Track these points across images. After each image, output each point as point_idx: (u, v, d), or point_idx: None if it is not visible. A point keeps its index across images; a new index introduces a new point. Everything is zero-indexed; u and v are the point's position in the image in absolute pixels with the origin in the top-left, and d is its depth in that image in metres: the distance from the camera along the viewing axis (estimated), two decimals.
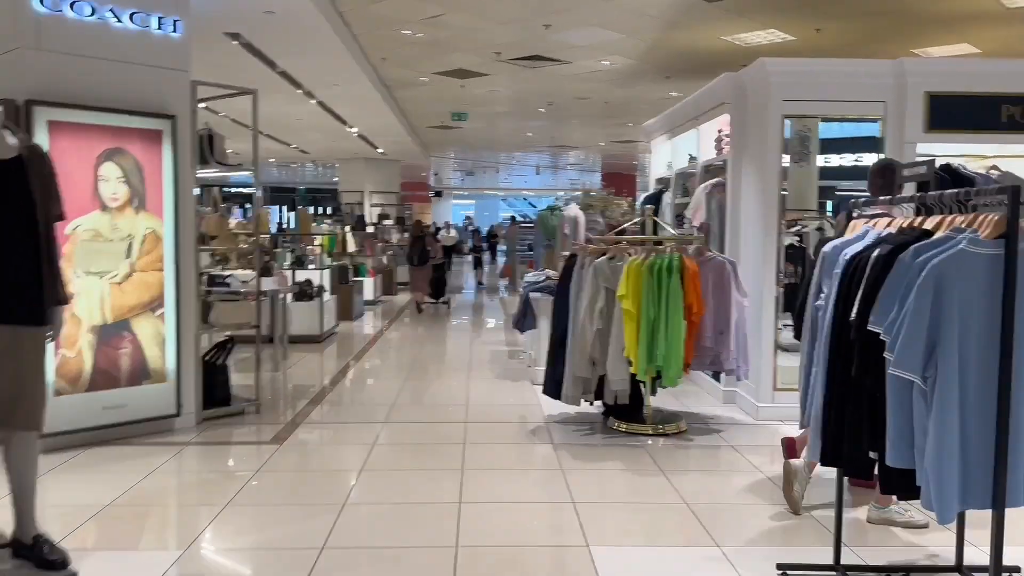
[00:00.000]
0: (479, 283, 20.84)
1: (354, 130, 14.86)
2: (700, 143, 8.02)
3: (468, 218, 44.18)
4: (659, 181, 10.07)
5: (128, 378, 5.55)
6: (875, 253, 2.87)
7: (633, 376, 5.66)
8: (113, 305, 5.45)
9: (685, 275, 5.61)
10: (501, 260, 29.17)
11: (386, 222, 20.28)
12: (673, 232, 7.18)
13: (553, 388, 6.13)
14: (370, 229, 15.68)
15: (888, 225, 3.12)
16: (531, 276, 8.90)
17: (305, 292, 10.53)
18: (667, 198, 9.39)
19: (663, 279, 5.56)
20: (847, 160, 10.77)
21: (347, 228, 15.51)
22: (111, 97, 5.42)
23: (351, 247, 15.35)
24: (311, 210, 22.64)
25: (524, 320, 7.87)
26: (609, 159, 24.91)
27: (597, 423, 6.17)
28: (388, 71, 10.25)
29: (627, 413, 6.00)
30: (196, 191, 6.26)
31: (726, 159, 7.13)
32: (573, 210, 9.74)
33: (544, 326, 7.70)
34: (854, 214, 3.49)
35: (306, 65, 8.96)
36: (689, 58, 9.38)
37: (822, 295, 3.20)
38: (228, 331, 6.53)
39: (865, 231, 3.18)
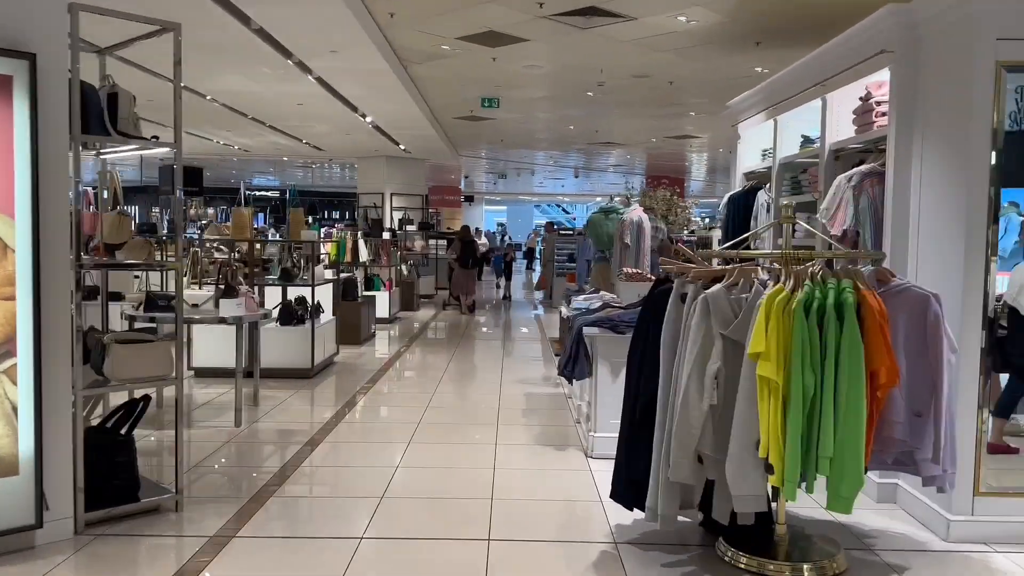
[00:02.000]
0: (505, 296, 18.57)
1: (368, 119, 12.74)
2: (827, 118, 5.69)
3: (501, 225, 42.05)
4: (749, 176, 7.75)
5: None
6: None
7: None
8: None
9: (866, 319, 3.30)
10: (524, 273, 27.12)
11: (409, 227, 18.15)
12: (834, 244, 4.87)
13: (629, 493, 3.88)
14: (387, 235, 13.55)
15: None
16: (582, 299, 6.63)
17: (292, 314, 8.37)
18: (762, 198, 7.08)
19: (829, 326, 3.27)
20: None
21: (359, 234, 13.37)
22: None
23: (364, 256, 13.21)
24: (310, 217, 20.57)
25: (575, 365, 5.60)
26: (655, 160, 22.52)
27: (694, 544, 3.89)
28: (399, 35, 8.07)
29: (745, 535, 3.71)
30: (81, 176, 4.11)
31: (883, 136, 4.84)
32: (636, 213, 7.47)
33: (605, 375, 5.42)
34: None
35: (289, 19, 6.81)
36: (794, 15, 7.06)
37: None
38: (138, 384, 4.34)
39: None
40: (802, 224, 4.28)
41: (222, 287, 6.62)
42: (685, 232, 13.26)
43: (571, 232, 17.24)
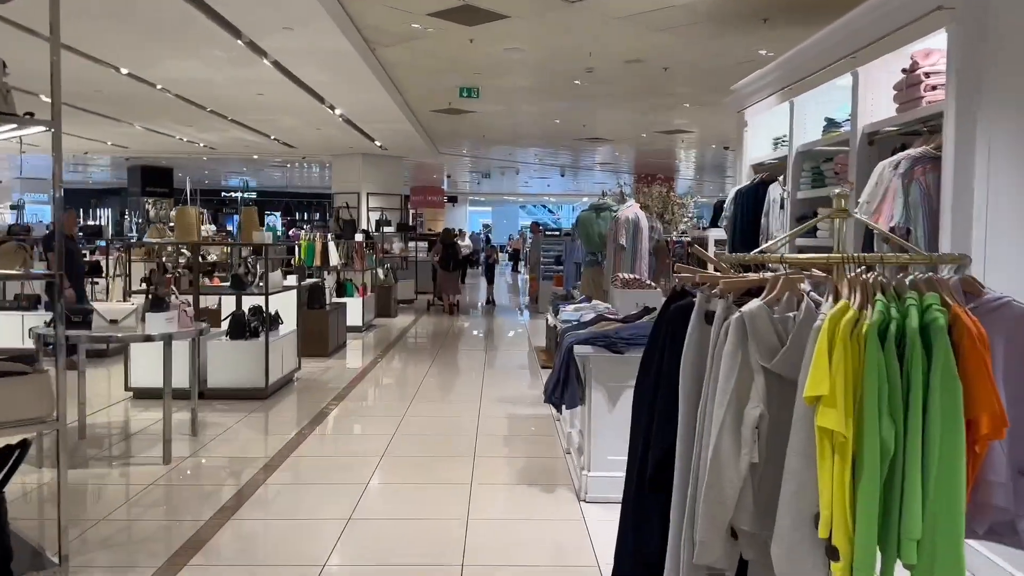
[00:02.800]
0: (488, 301, 17.59)
1: (338, 112, 11.81)
2: (860, 96, 4.84)
3: (486, 226, 41.16)
4: (758, 168, 6.90)
5: None
6: None
7: None
8: None
9: (963, 347, 2.41)
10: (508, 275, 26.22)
11: (387, 229, 17.21)
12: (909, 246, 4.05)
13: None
14: (359, 236, 12.60)
15: None
16: (571, 309, 5.75)
17: (244, 327, 7.43)
18: (774, 192, 6.25)
19: (914, 358, 2.37)
20: None
21: (330, 235, 12.42)
22: None
23: (334, 259, 12.26)
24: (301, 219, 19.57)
25: (564, 390, 4.71)
26: (644, 157, 21.69)
27: None
28: (364, 9, 7.15)
29: None
30: None
31: (934, 115, 4.01)
32: (632, 210, 6.59)
33: (601, 402, 4.55)
34: None
35: None
36: None
37: None
38: (14, 428, 3.41)
39: None
40: (863, 220, 3.41)
41: (150, 298, 5.68)
42: (675, 232, 12.41)
43: (557, 233, 16.37)
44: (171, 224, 15.51)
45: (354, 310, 12.34)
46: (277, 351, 7.70)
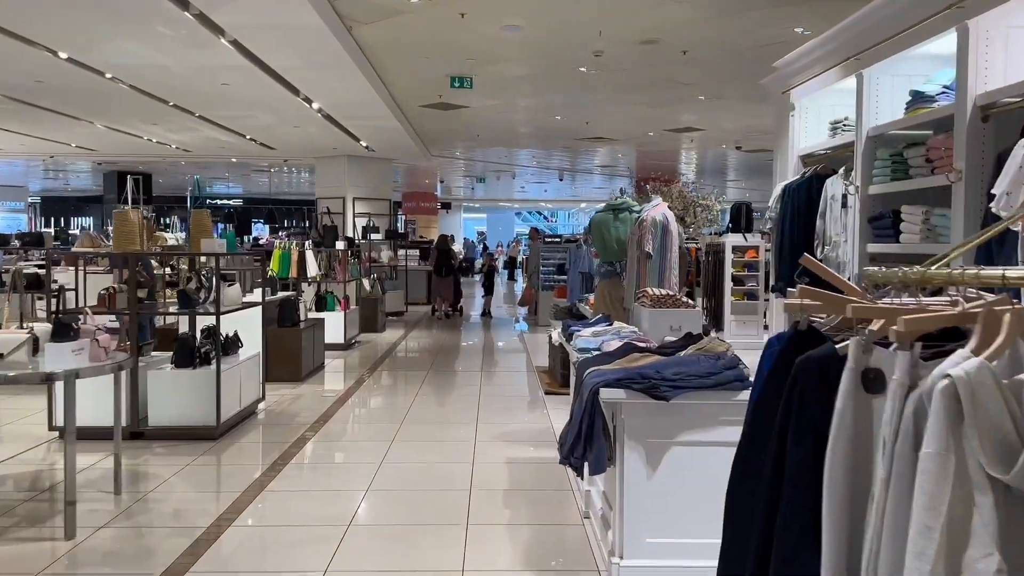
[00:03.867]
0: (484, 312, 16.33)
1: (316, 105, 10.63)
2: (971, 58, 3.68)
3: (481, 234, 40.00)
4: (808, 160, 5.75)
5: None
6: None
7: None
8: None
9: None
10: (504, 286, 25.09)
11: (374, 236, 16.02)
12: None
13: None
14: (341, 244, 11.40)
15: None
16: (589, 334, 4.58)
17: (192, 352, 6.23)
18: (834, 188, 5.11)
19: None
20: None
21: (307, 243, 11.22)
22: None
23: (312, 270, 11.06)
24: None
25: (588, 448, 3.51)
26: (646, 160, 20.53)
27: None
28: None
29: None
30: None
31: None
32: (660, 210, 5.40)
33: (637, 465, 3.37)
34: None
35: None
36: None
37: None
38: None
39: None
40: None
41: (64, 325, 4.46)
42: (694, 237, 11.25)
43: (558, 239, 15.18)
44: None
45: (335, 326, 11.15)
46: (233, 380, 6.49)
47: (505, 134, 15.02)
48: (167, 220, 36.90)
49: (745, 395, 3.43)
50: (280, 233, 15.73)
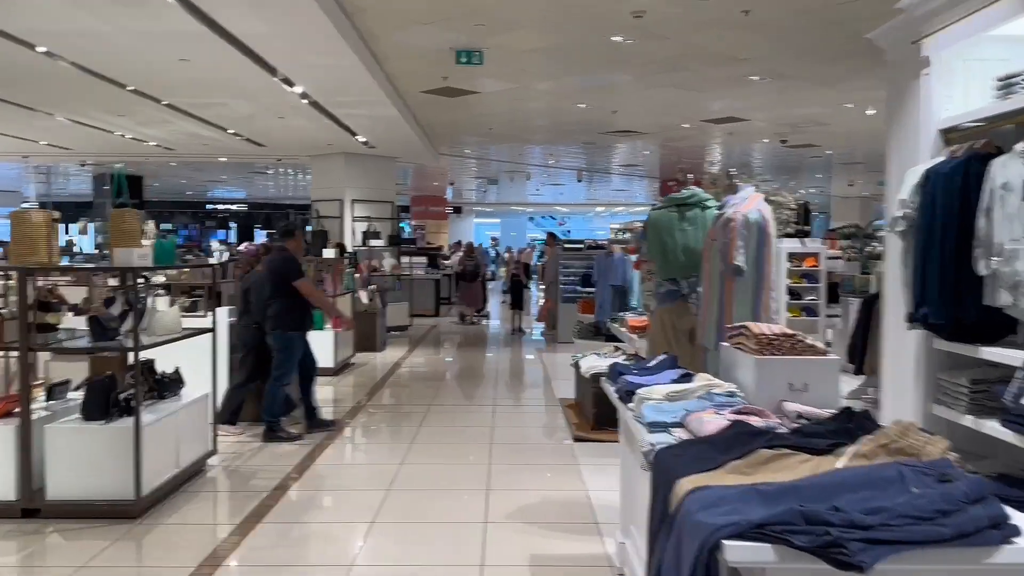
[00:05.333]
0: (516, 329, 14.43)
1: (298, 90, 9.02)
2: None
3: (494, 239, 38.35)
4: (952, 137, 4.05)
5: None
6: None
7: None
8: None
9: None
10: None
11: (375, 242, 14.40)
12: None
13: None
14: (329, 252, 9.75)
15: None
16: (660, 397, 2.91)
17: (106, 400, 4.62)
18: (1006, 174, 3.42)
19: None
20: None
21: None
22: None
23: None
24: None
25: None
26: (671, 156, 18.76)
27: None
28: None
29: None
30: None
31: None
32: (754, 205, 3.70)
33: None
34: None
35: None
36: None
37: None
38: None
39: None
40: None
41: None
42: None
43: (579, 246, 13.45)
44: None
45: (323, 347, 9.51)
46: (164, 435, 4.88)
47: (520, 127, 13.36)
48: (168, 226, 35.68)
49: (1010, 554, 1.75)
50: (228, 237, 14.09)
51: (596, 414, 6.71)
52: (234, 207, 34.38)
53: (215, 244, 20.53)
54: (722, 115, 11.87)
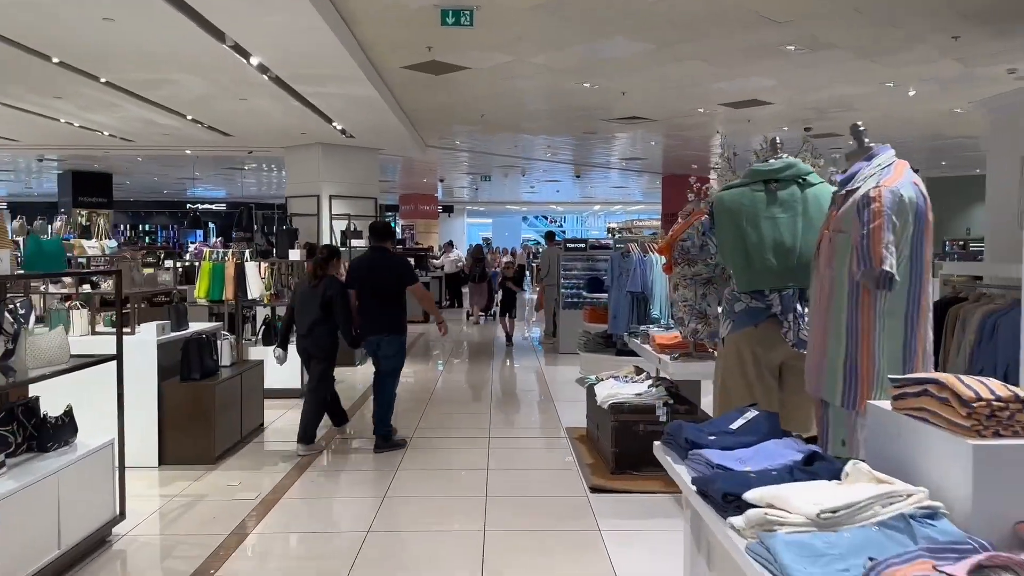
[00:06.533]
0: (508, 337, 13.04)
1: (254, 62, 7.62)
2: None
3: (486, 240, 36.91)
4: None
5: None
6: None
7: None
8: None
9: None
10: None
11: (355, 242, 12.98)
12: None
13: None
14: (296, 255, 8.35)
15: None
16: (796, 529, 1.43)
17: None
18: None
19: None
20: None
21: (248, 253, 8.20)
22: None
23: (256, 289, 8.07)
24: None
25: None
26: (675, 150, 17.37)
27: None
28: None
29: None
30: None
31: None
32: (901, 178, 2.32)
33: None
34: None
35: None
36: None
37: None
38: None
39: None
40: None
41: None
42: None
43: (583, 246, 12.05)
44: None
45: (288, 366, 8.14)
46: (38, 505, 3.49)
47: (515, 113, 11.98)
48: (147, 227, 34.13)
49: None
50: (212, 240, 12.71)
51: (617, 455, 5.35)
52: (214, 207, 32.87)
53: (193, 246, 18.98)
54: (743, 98, 10.52)
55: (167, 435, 5.66)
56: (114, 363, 4.29)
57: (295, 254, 8.46)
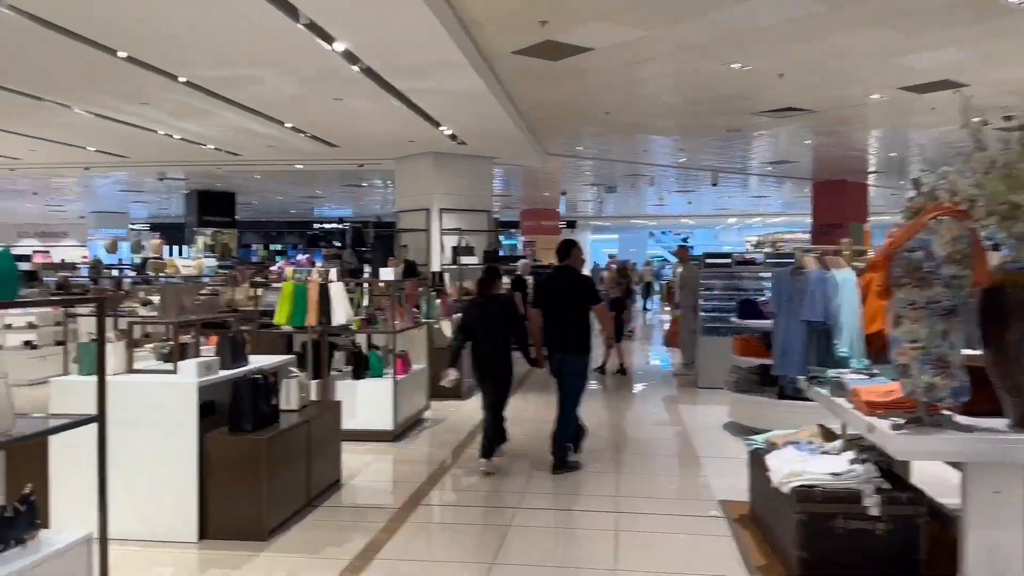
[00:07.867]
0: (620, 368, 11.19)
1: (338, 47, 6.47)
2: None
3: (612, 258, 35.15)
4: None
5: None
6: None
7: None
8: None
9: None
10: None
11: (466, 259, 11.79)
12: None
13: None
14: (388, 272, 7.12)
15: None
16: None
17: None
18: None
19: None
20: None
21: (333, 272, 7.05)
22: None
23: (341, 315, 6.92)
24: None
25: None
26: (828, 150, 15.14)
27: None
28: None
29: None
30: None
31: None
32: None
33: None
34: None
35: None
36: None
37: None
38: None
39: None
40: None
41: None
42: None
43: (726, 261, 10.20)
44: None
45: (377, 403, 6.95)
46: None
47: (645, 109, 10.41)
48: (277, 247, 34.72)
49: None
50: (297, 256, 11.83)
51: (805, 561, 3.70)
52: (341, 225, 33.00)
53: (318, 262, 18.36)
54: (931, 78, 8.51)
55: (209, 502, 4.50)
56: (119, 412, 3.11)
57: (387, 273, 7.24)
